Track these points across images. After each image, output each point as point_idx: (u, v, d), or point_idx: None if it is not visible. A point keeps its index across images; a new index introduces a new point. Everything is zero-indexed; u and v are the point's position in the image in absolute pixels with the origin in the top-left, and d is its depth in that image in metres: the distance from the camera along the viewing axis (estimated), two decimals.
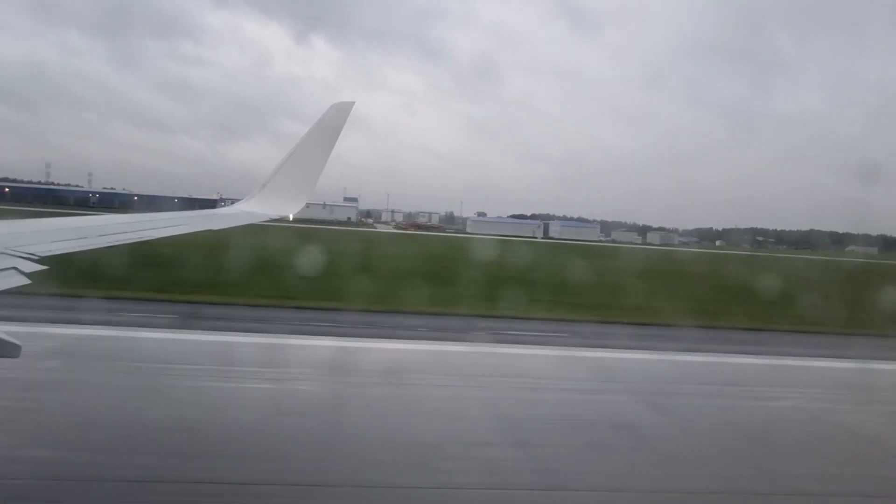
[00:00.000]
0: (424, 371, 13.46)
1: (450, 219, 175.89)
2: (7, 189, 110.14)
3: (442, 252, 58.25)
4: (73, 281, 17.62)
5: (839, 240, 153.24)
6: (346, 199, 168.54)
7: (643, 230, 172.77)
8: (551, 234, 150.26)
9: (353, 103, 10.50)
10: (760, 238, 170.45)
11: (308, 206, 11.00)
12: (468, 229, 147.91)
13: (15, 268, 4.67)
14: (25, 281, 4.54)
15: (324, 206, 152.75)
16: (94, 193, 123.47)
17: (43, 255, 5.18)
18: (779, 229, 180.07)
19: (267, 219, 10.01)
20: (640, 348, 17.06)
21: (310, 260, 34.43)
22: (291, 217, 10.42)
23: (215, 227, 8.68)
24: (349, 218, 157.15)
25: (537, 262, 52.82)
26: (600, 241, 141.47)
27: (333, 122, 10.34)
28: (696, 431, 10.72)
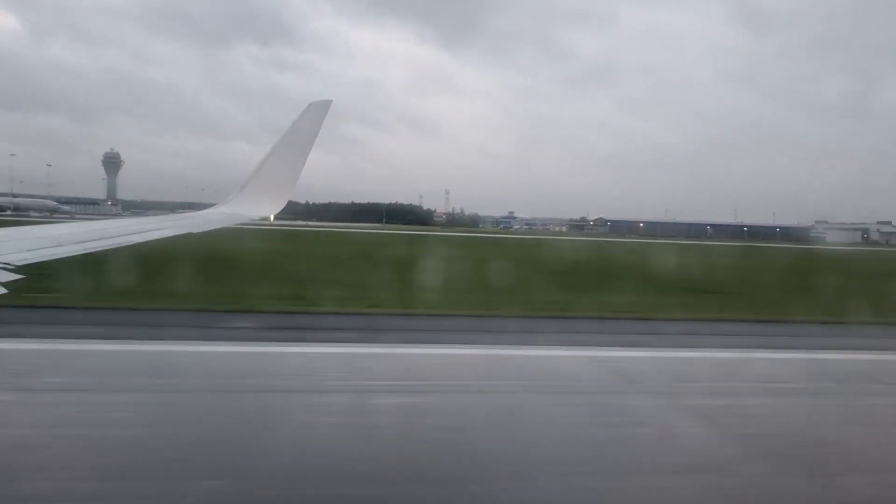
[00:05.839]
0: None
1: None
2: None
3: None
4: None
5: None
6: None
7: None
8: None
9: (330, 101, 10.46)
10: None
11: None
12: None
13: None
14: (1, 291, 4.47)
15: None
16: None
17: (19, 263, 5.11)
18: None
19: (247, 220, 9.95)
20: None
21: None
22: (272, 218, 10.38)
23: (195, 231, 8.58)
24: None
25: None
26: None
27: (311, 121, 10.30)
28: None
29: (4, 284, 4.55)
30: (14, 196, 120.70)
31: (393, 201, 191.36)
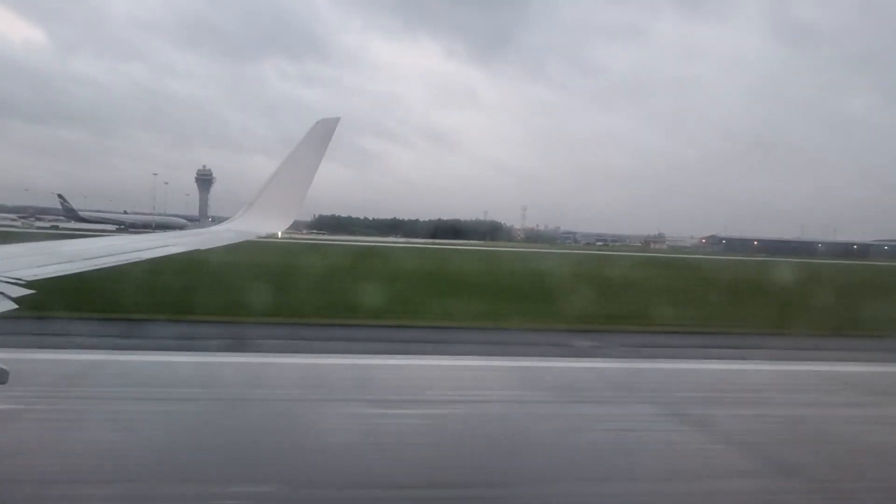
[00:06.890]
0: None
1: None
2: None
3: None
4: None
5: None
6: None
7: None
8: None
9: (338, 119, 10.57)
10: None
11: None
12: None
13: (1, 293, 4.71)
14: (12, 306, 4.58)
15: None
16: None
17: (30, 279, 5.23)
18: None
19: (255, 237, 10.04)
20: None
21: None
22: (280, 234, 10.49)
23: (203, 247, 8.72)
24: None
25: None
26: None
27: (319, 138, 10.42)
28: None
29: (14, 299, 4.67)
30: (156, 215, 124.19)
31: (473, 218, 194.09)
